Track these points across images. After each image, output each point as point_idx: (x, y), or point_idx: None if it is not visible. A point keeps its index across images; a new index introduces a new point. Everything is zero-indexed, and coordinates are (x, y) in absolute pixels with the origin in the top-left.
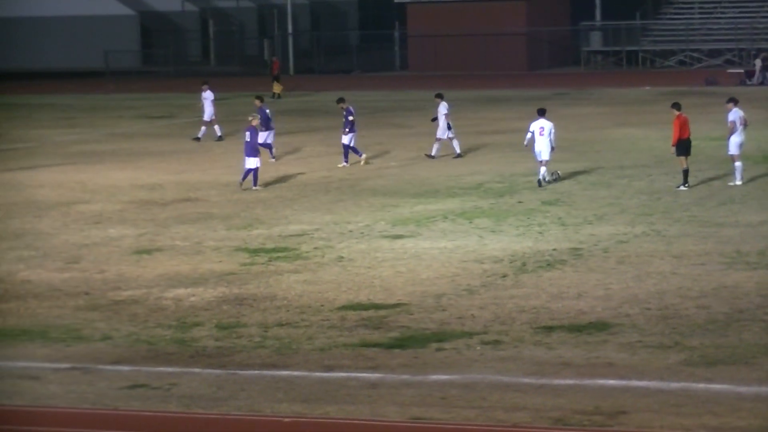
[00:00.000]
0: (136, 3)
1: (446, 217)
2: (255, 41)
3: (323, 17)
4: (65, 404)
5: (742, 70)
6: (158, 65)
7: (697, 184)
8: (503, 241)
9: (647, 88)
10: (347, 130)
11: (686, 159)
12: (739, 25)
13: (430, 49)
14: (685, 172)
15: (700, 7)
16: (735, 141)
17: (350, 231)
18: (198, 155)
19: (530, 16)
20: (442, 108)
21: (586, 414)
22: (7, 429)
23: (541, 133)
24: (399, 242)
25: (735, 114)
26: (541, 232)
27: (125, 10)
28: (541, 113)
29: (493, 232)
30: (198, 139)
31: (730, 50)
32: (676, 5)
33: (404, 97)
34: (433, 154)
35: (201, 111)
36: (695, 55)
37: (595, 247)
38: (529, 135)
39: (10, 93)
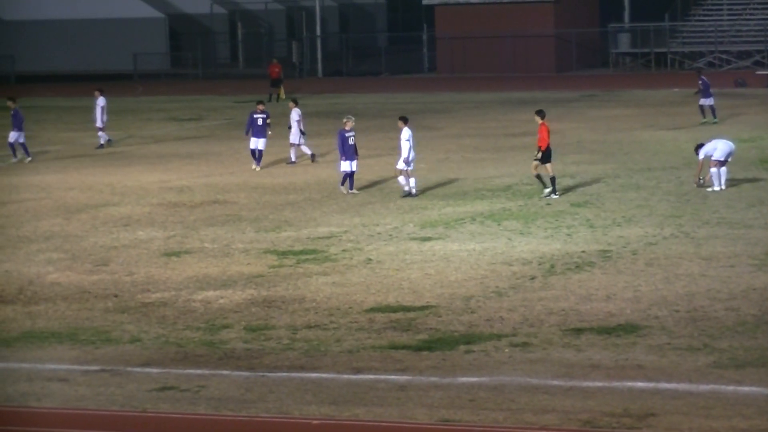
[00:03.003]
0: (164, 5)
1: (475, 219)
2: (284, 43)
3: (352, 19)
4: (94, 406)
5: None
6: (187, 68)
7: (729, 187)
8: (532, 243)
9: (676, 89)
10: (258, 134)
11: (551, 166)
12: None
13: (459, 51)
14: (553, 179)
15: (729, 9)
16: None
17: (378, 233)
18: (226, 158)
19: (558, 18)
20: (294, 114)
21: (615, 416)
22: (36, 431)
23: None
24: (427, 244)
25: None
26: (569, 234)
27: (154, 13)
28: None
29: (521, 234)
30: (102, 146)
31: (759, 52)
32: (704, 7)
33: (432, 99)
34: (293, 159)
35: (93, 118)
36: (724, 56)
37: (624, 249)
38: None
39: (40, 96)
